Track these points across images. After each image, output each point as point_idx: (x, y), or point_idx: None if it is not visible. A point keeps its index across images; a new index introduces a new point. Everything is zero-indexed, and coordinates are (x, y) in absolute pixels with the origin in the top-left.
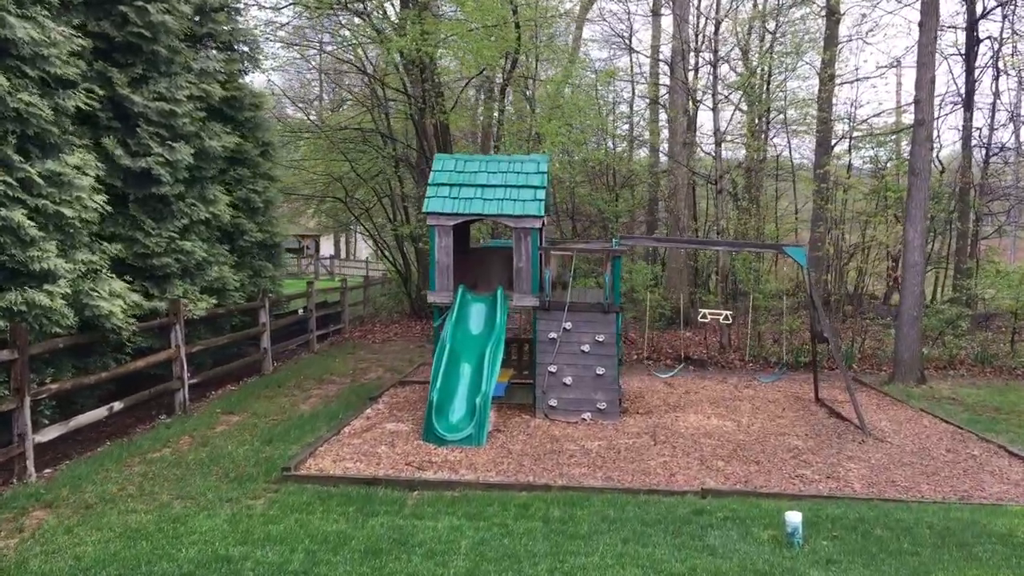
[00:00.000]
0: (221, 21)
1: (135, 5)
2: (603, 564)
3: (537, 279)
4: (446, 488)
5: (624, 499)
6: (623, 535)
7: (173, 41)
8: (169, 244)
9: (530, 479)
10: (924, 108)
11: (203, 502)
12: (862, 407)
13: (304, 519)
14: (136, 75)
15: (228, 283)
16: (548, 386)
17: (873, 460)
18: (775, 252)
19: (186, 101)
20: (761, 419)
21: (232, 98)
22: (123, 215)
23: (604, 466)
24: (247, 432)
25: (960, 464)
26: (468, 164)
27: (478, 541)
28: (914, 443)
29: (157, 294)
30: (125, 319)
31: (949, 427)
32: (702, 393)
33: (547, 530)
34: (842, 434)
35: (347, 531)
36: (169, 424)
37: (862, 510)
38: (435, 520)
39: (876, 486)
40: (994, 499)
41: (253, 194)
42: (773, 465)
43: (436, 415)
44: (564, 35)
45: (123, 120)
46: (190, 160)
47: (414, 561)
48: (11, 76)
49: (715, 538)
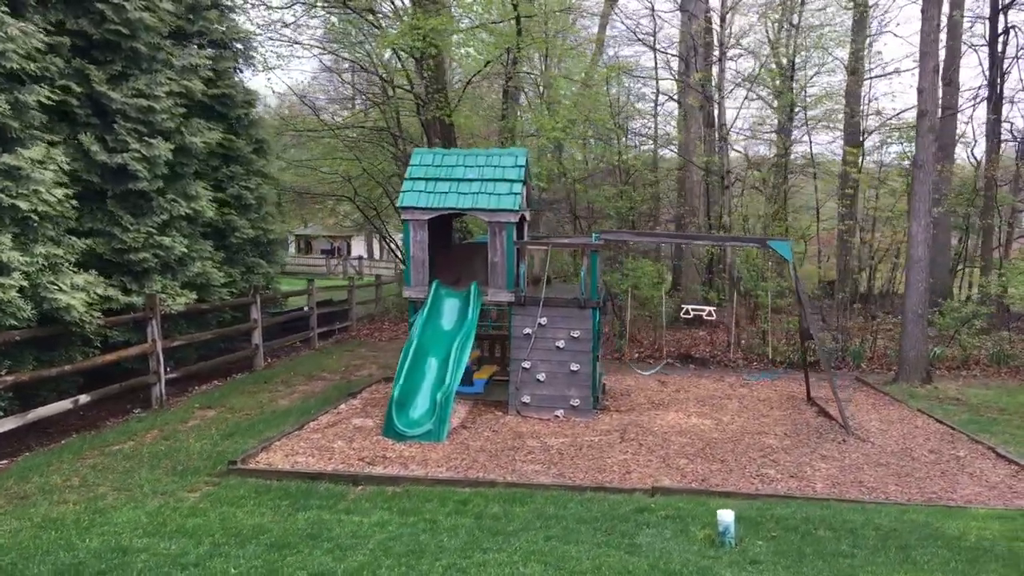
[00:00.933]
0: (212, 19)
1: (112, 3)
2: (508, 561)
3: (512, 274)
4: (391, 483)
5: (568, 496)
6: (551, 532)
7: (154, 38)
8: (147, 239)
9: (479, 475)
10: (927, 98)
11: (137, 494)
12: (850, 405)
13: (229, 512)
14: (115, 72)
15: (212, 279)
16: (521, 382)
17: (847, 460)
18: (760, 247)
19: (165, 97)
20: (744, 418)
21: (223, 95)
22: (101, 210)
23: (560, 463)
24: (215, 427)
25: (940, 465)
26: (446, 159)
27: (393, 536)
28: (898, 443)
29: (135, 289)
30: (87, 312)
31: (942, 428)
32: (693, 391)
33: (475, 526)
34: (824, 433)
35: (266, 525)
36: (142, 418)
37: (813, 510)
38: (365, 515)
39: (840, 486)
40: (962, 501)
41: (245, 191)
42: (738, 464)
43: (397, 410)
44: (574, 33)
45: (101, 116)
46: (169, 156)
47: (315, 555)
48: None
49: (646, 536)
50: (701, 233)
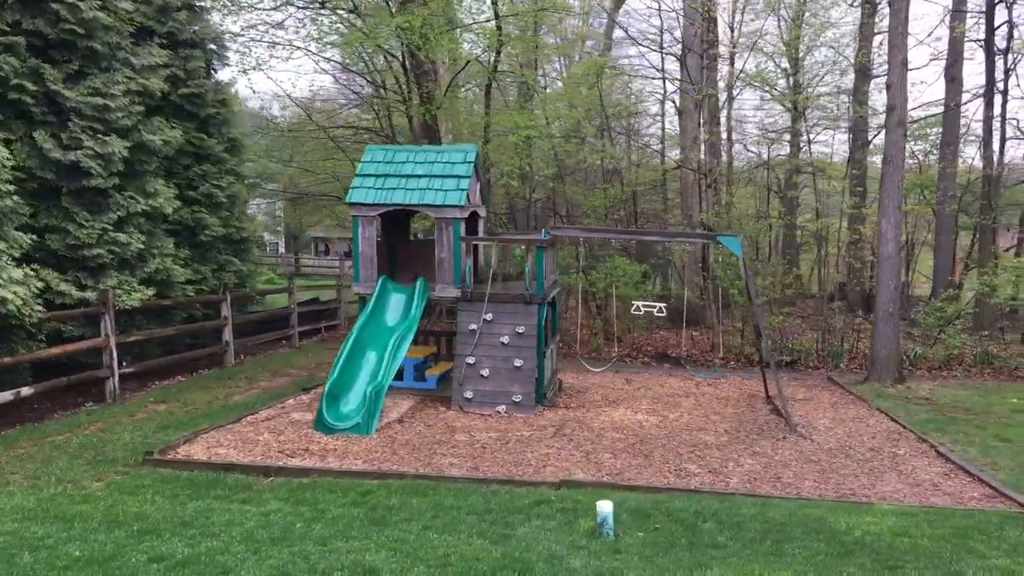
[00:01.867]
0: (182, 20)
1: (67, 3)
2: (360, 548)
3: (459, 269)
4: (301, 475)
5: (473, 489)
6: (432, 523)
7: (112, 37)
8: (102, 236)
9: (393, 467)
10: (896, 94)
11: (42, 483)
12: (808, 404)
13: (120, 500)
14: (72, 71)
15: (174, 275)
16: (465, 378)
17: (777, 457)
18: (711, 242)
19: (121, 96)
20: (693, 415)
21: (193, 95)
22: (56, 207)
23: (479, 457)
24: (157, 420)
25: (871, 463)
26: (397, 155)
27: (266, 524)
28: (839, 441)
29: (91, 284)
30: (25, 306)
31: (893, 427)
32: (655, 389)
33: (362, 516)
34: (766, 431)
35: (149, 512)
36: (91, 411)
37: (711, 504)
38: (259, 505)
39: (755, 482)
40: (876, 497)
41: (216, 189)
42: (662, 459)
43: (328, 404)
44: (559, 33)
45: (57, 115)
46: (124, 153)
47: (172, 541)
48: None
49: (527, 528)
50: (649, 229)
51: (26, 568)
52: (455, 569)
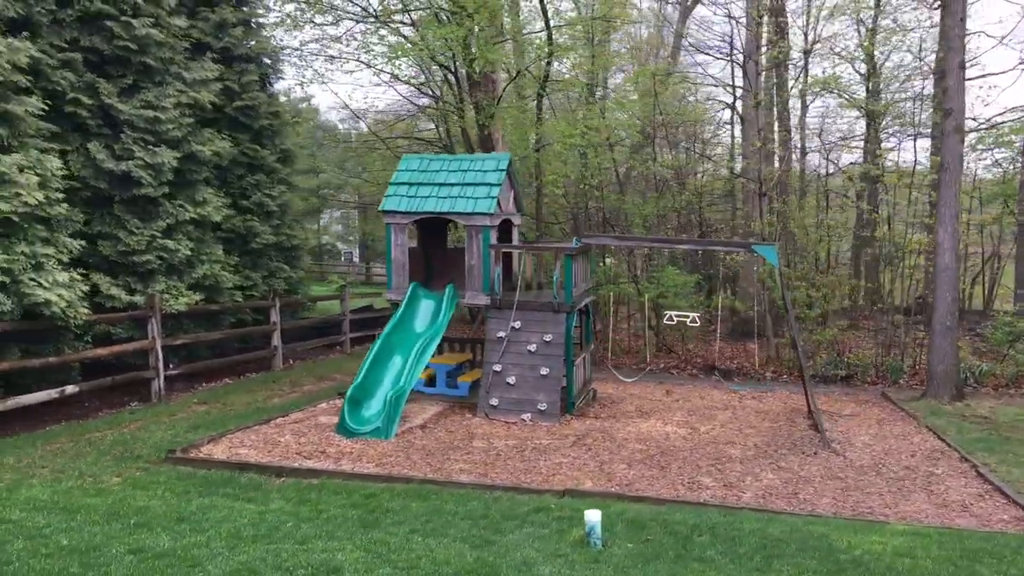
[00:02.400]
0: (238, 36)
1: (121, 21)
2: (336, 548)
3: (488, 277)
4: (311, 476)
5: (477, 495)
6: (423, 527)
7: (165, 53)
8: (151, 242)
9: (403, 471)
10: (953, 97)
11: (64, 476)
12: (833, 418)
13: (131, 495)
14: (126, 84)
15: (221, 281)
16: (492, 385)
17: (802, 473)
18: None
19: (172, 109)
20: (726, 428)
21: (247, 107)
22: (110, 214)
23: (492, 464)
24: (193, 420)
25: (901, 482)
26: (432, 164)
27: (257, 522)
28: (872, 459)
29: (140, 289)
30: (69, 308)
31: (939, 445)
32: (694, 401)
33: (356, 517)
34: (798, 447)
35: (153, 507)
36: (135, 411)
37: (713, 518)
38: (262, 504)
39: (769, 498)
40: (895, 517)
41: (267, 198)
42: (678, 472)
43: (351, 408)
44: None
45: (112, 127)
46: (174, 164)
47: (159, 535)
48: None
49: (517, 535)
50: (683, 237)
51: (12, 555)
52: (421, 571)
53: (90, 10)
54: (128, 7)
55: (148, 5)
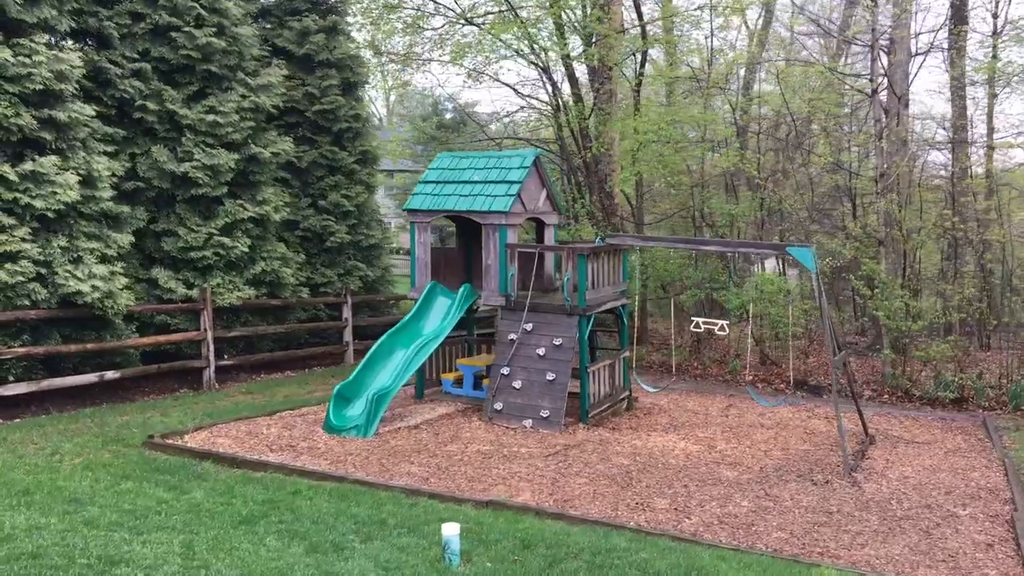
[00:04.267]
0: (319, 43)
1: (184, 31)
2: (166, 540)
3: (504, 277)
4: (261, 469)
5: (397, 499)
6: (291, 526)
7: (231, 60)
8: (208, 239)
9: (351, 472)
10: None
11: (42, 454)
12: (923, 447)
13: (67, 474)
14: (191, 92)
15: (283, 277)
16: (498, 389)
17: (787, 504)
18: (780, 254)
19: (232, 113)
20: (746, 448)
21: (327, 111)
22: (172, 213)
23: (444, 469)
24: (221, 409)
25: (904, 521)
26: (461, 162)
27: (136, 510)
28: (891, 493)
29: (198, 283)
30: (106, 299)
31: (996, 483)
32: (746, 418)
33: (248, 512)
34: (811, 474)
35: (77, 487)
36: (179, 397)
37: (613, 542)
38: (186, 492)
39: (713, 527)
40: (846, 561)
41: (344, 199)
42: (639, 491)
43: (336, 405)
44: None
45: (178, 131)
46: (231, 165)
47: (50, 514)
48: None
49: (380, 544)
50: (712, 239)
51: None
52: (211, 570)
53: (159, 23)
54: (191, 19)
55: (212, 16)
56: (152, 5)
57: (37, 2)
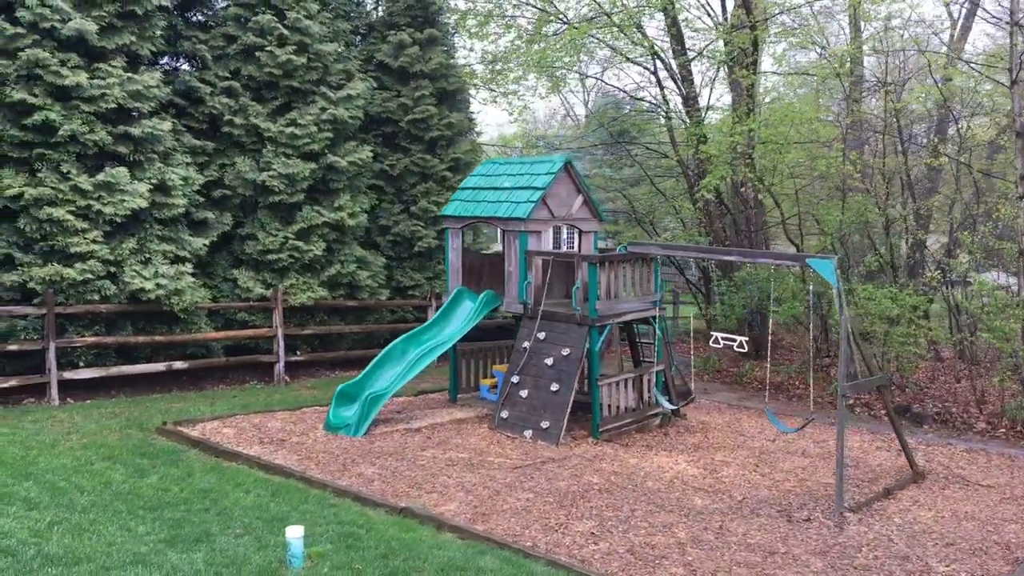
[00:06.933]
0: (412, 55)
1: (266, 51)
2: (38, 519)
3: (523, 284)
4: (232, 459)
5: (321, 498)
6: (185, 515)
7: (313, 75)
8: (284, 243)
9: (309, 469)
10: None
11: (62, 434)
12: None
13: (58, 452)
14: (275, 106)
15: (358, 279)
16: (507, 397)
17: (724, 538)
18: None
19: (310, 125)
20: (753, 475)
21: (418, 120)
22: (255, 219)
23: (397, 472)
24: (271, 401)
25: (853, 572)
26: (498, 168)
27: (83, 488)
28: (873, 537)
29: (275, 283)
30: (173, 296)
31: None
32: (797, 444)
33: (169, 498)
34: (797, 509)
35: (41, 462)
36: (247, 389)
37: (480, 562)
38: (140, 477)
39: (612, 557)
40: None
41: (432, 205)
42: (578, 512)
43: (338, 404)
44: None
45: (261, 143)
46: (306, 174)
47: (29, 487)
48: (67, 111)
49: (236, 541)
50: (732, 248)
51: None
52: (40, 548)
53: (248, 44)
54: (274, 39)
55: (293, 34)
56: (242, 27)
57: (119, 30)
